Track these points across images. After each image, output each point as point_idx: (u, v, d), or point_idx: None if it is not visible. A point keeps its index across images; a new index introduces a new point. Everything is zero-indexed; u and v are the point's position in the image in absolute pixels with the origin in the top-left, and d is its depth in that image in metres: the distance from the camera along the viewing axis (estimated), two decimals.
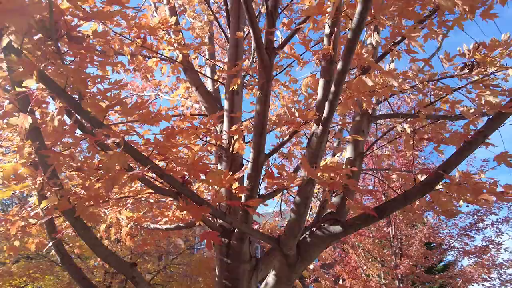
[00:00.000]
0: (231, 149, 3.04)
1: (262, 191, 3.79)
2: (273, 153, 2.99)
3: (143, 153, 2.01)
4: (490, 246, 10.37)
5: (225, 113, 3.55)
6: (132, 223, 4.02)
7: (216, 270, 3.27)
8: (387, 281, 10.66)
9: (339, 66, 1.85)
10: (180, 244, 17.88)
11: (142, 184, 3.82)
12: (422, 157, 10.74)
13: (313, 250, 2.69)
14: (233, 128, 2.86)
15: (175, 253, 16.80)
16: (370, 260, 11.25)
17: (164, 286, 16.00)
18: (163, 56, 3.36)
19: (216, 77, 4.34)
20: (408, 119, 3.19)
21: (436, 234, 10.42)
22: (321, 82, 2.20)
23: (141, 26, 3.22)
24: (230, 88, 3.16)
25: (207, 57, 4.41)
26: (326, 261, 10.87)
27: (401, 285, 10.31)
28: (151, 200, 4.16)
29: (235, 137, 3.11)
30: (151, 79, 4.95)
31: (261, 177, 3.24)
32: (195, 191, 2.39)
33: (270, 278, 2.69)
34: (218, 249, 3.23)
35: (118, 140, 1.82)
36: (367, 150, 3.08)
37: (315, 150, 2.17)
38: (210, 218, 3.28)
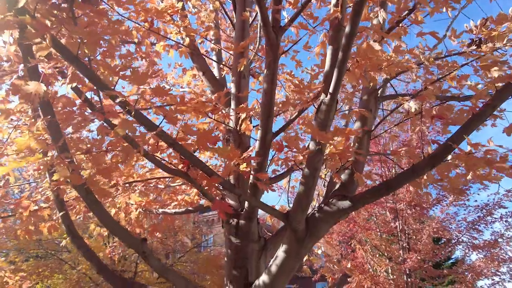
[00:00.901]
0: (238, 128, 3.06)
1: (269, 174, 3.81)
2: (281, 132, 3.01)
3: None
4: (499, 240, 10.24)
5: (232, 96, 3.58)
6: (141, 208, 4.05)
7: (226, 251, 3.29)
8: (394, 276, 10.60)
9: (346, 29, 1.87)
10: (186, 242, 17.96)
11: (151, 170, 3.86)
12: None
13: (321, 225, 2.69)
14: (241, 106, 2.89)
15: (182, 251, 16.85)
16: (377, 255, 11.19)
17: (171, 285, 16.05)
18: (170, 40, 3.40)
19: (223, 64, 4.37)
20: (415, 98, 3.19)
21: (444, 229, 10.33)
22: (329, 51, 2.22)
23: (148, 10, 3.26)
24: (238, 70, 3.19)
25: (213, 42, 4.44)
26: (334, 256, 10.84)
27: (409, 279, 10.24)
28: (160, 186, 4.20)
29: (242, 118, 3.14)
30: (157, 67, 4.99)
31: (269, 161, 3.27)
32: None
33: (280, 252, 2.70)
34: (227, 229, 3.25)
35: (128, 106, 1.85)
36: (375, 128, 3.09)
37: (323, 120, 2.18)
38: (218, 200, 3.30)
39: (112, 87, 1.91)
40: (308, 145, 2.58)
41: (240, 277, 3.01)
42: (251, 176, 2.68)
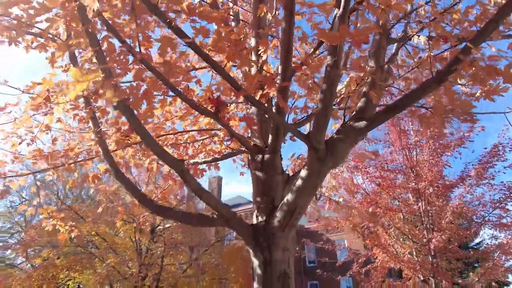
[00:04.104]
0: (259, 67, 3.36)
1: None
2: (301, 66, 3.27)
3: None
4: None
5: (253, 42, 3.87)
6: None
7: (253, 186, 3.56)
8: (419, 259, 10.55)
9: None
10: (211, 239, 18.40)
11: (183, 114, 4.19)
12: None
13: (340, 144, 2.92)
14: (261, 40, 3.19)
15: (205, 245, 17.24)
16: (401, 239, 11.16)
17: (197, 278, 16.40)
18: None
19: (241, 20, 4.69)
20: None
21: (468, 206, 10.23)
22: None
23: None
24: (257, 15, 3.50)
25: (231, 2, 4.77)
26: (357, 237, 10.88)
27: (434, 260, 10.17)
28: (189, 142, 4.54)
29: (263, 59, 3.43)
30: None
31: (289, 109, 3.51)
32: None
33: (302, 172, 2.95)
34: (253, 165, 3.53)
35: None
36: (387, 62, 3.32)
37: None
38: (244, 138, 3.59)
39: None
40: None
41: (267, 203, 3.27)
42: (274, 100, 2.96)
